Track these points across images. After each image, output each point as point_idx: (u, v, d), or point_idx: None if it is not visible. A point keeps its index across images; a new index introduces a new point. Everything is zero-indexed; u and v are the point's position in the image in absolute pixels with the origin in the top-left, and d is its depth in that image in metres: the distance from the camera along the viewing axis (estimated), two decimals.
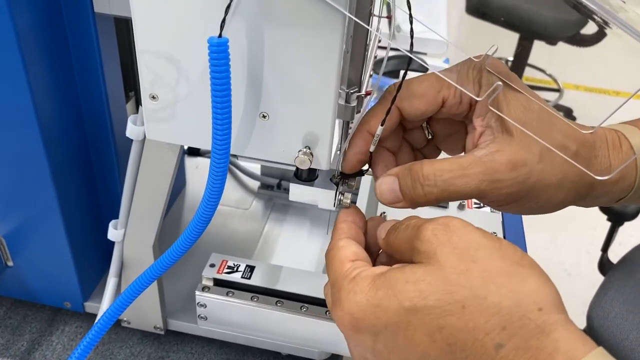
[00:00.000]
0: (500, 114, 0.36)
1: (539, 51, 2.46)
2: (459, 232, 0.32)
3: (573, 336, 0.29)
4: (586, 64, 2.94)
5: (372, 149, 0.40)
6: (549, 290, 0.30)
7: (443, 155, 0.45)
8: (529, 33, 2.32)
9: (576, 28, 2.23)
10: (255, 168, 0.81)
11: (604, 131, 0.39)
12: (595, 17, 0.37)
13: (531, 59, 2.51)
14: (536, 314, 0.29)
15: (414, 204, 0.38)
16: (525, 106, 0.36)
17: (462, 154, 0.43)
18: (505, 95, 0.37)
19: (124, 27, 0.57)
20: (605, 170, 0.37)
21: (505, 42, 2.50)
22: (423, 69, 1.09)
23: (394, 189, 0.38)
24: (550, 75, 2.76)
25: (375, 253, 0.41)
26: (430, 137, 0.43)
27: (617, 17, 0.37)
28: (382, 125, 0.38)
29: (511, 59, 2.51)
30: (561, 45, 2.28)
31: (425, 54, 1.31)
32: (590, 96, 2.81)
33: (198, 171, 0.83)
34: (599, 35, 2.20)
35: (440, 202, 0.37)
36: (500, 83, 0.36)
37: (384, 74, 1.09)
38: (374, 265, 0.40)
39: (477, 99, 0.37)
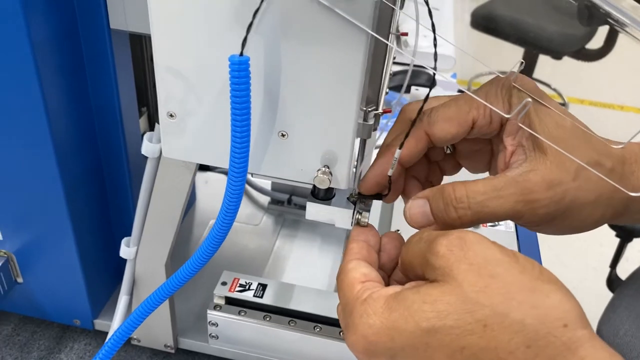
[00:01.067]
0: (533, 132, 0.35)
1: (544, 65, 2.46)
2: (475, 247, 0.31)
3: (600, 353, 0.28)
4: (591, 78, 2.94)
5: (390, 172, 0.39)
6: (572, 305, 0.29)
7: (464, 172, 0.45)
8: (534, 47, 2.32)
9: (581, 43, 2.24)
10: (266, 183, 0.81)
11: (639, 147, 0.38)
12: (610, 20, 0.37)
13: (536, 73, 2.51)
14: (561, 331, 0.28)
15: (447, 227, 0.37)
16: (558, 123, 0.36)
17: (487, 173, 0.43)
18: (537, 112, 0.36)
19: (137, 43, 0.57)
20: None
21: (510, 56, 2.50)
22: (430, 83, 1.08)
23: (425, 212, 0.37)
24: (555, 90, 2.76)
25: (390, 270, 0.40)
26: (449, 151, 0.43)
27: (634, 18, 0.36)
28: (400, 148, 0.38)
29: (521, 68, 2.52)
30: (566, 59, 2.29)
31: (422, 67, 1.31)
32: (596, 110, 2.81)
33: (208, 186, 0.82)
34: (604, 50, 2.21)
35: (474, 224, 0.37)
36: (529, 99, 0.35)
37: (391, 88, 1.09)
38: (388, 283, 0.40)
39: (507, 116, 0.36)
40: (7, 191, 0.51)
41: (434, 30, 0.34)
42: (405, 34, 0.64)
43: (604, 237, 1.11)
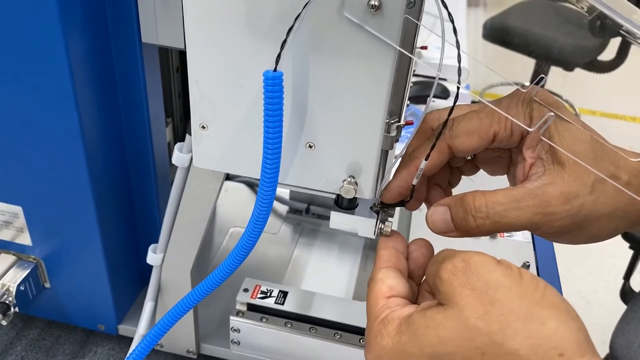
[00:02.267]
0: (554, 145, 0.37)
1: (556, 76, 2.47)
2: (479, 270, 0.32)
3: None
4: (602, 90, 2.94)
5: (415, 182, 0.41)
6: (570, 332, 0.30)
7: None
8: (546, 59, 2.33)
9: (593, 54, 2.24)
10: (284, 193, 0.82)
11: None
12: (622, 32, 0.38)
13: (547, 85, 2.52)
14: None
15: (466, 235, 0.38)
16: (577, 136, 0.37)
17: (509, 184, 0.44)
18: (557, 126, 0.37)
19: (163, 55, 0.59)
20: None
21: (521, 67, 2.51)
22: (444, 94, 1.09)
23: (445, 219, 0.39)
24: (566, 101, 2.76)
25: (419, 278, 0.41)
26: (469, 158, 0.44)
27: None
28: (426, 159, 0.39)
29: (527, 84, 2.52)
30: (578, 70, 2.29)
31: (445, 79, 1.32)
32: (607, 122, 2.81)
33: (228, 195, 0.84)
34: (616, 62, 2.21)
35: (492, 233, 0.38)
36: (551, 114, 0.36)
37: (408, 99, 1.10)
38: (418, 291, 0.41)
39: (529, 129, 0.37)
40: (39, 199, 0.53)
41: (458, 47, 0.35)
42: (425, 48, 0.66)
43: (616, 250, 1.11)
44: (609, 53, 2.20)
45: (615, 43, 2.12)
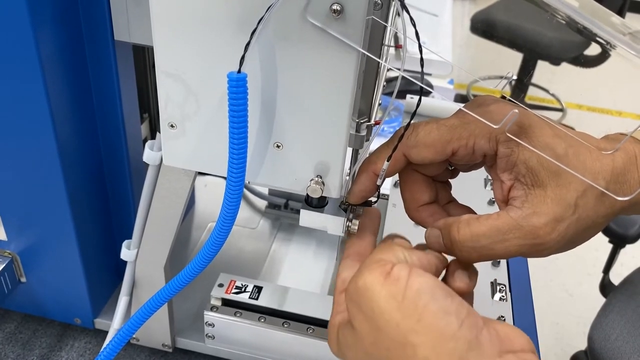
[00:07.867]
0: (532, 169, 0.36)
1: (542, 71, 2.49)
2: (365, 295, 0.34)
3: None
4: (589, 84, 2.96)
5: (379, 182, 0.42)
6: (441, 350, 0.31)
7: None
8: (533, 53, 2.35)
9: (580, 49, 2.26)
10: (263, 188, 0.83)
11: (633, 148, 0.38)
12: (599, 39, 0.38)
13: (534, 79, 2.54)
14: None
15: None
16: (554, 152, 0.36)
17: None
18: (533, 144, 0.37)
19: (139, 51, 0.59)
20: (635, 191, 0.37)
21: (508, 61, 2.53)
22: (426, 90, 1.10)
23: (440, 243, 0.39)
24: (553, 95, 2.78)
25: None
26: (452, 168, 0.44)
27: (621, 39, 0.38)
28: (387, 160, 0.40)
29: (515, 78, 2.53)
30: (564, 65, 2.31)
31: (429, 74, 1.32)
32: (593, 116, 2.83)
33: (206, 190, 0.84)
34: (602, 57, 2.23)
35: (483, 261, 0.38)
36: (516, 110, 0.36)
37: (385, 94, 1.11)
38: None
39: (495, 126, 0.36)
40: (13, 194, 0.53)
41: (420, 52, 0.36)
42: (400, 47, 0.66)
43: (600, 244, 1.13)
44: (595, 48, 2.21)
45: None
